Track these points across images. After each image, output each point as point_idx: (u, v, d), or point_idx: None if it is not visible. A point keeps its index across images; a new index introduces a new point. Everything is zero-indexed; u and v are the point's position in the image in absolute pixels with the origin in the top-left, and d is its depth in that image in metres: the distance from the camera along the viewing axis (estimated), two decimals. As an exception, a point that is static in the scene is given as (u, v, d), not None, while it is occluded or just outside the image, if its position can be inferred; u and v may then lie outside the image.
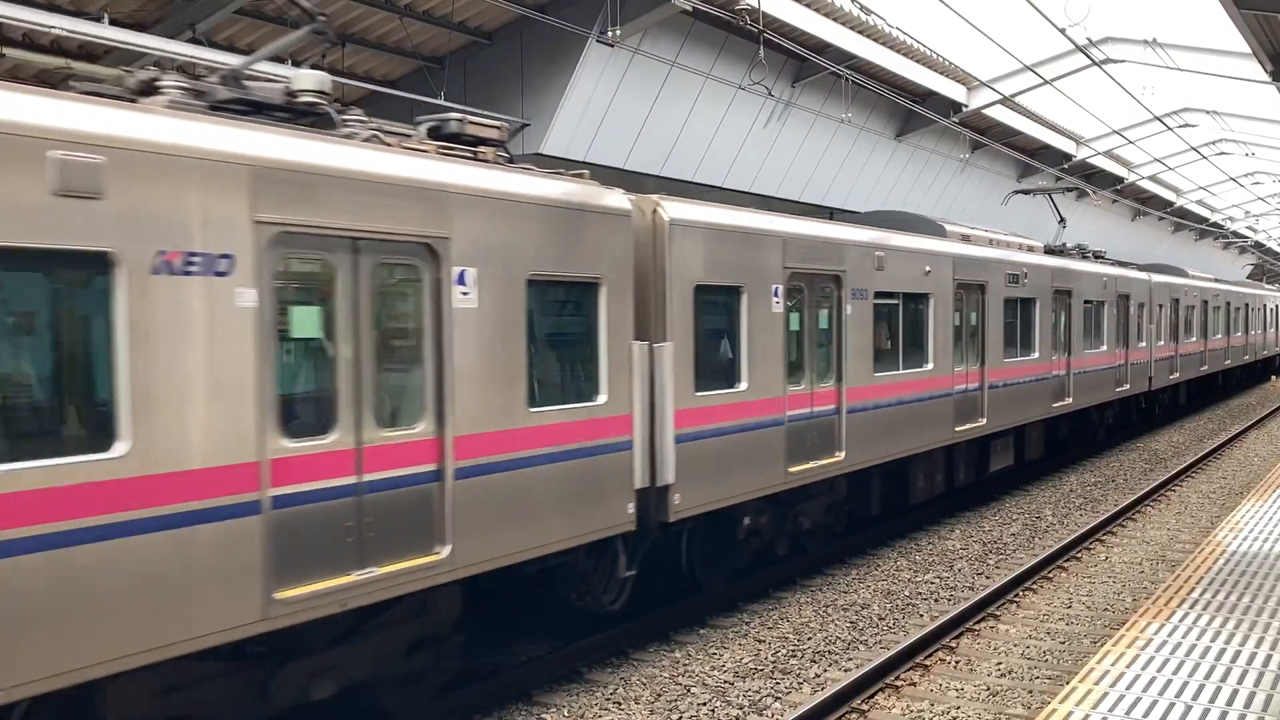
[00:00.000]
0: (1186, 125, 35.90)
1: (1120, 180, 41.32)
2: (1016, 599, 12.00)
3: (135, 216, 5.77)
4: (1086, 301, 20.95)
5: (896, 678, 9.44)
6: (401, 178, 7.28)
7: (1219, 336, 32.81)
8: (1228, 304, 34.16)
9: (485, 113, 17.54)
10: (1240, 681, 7.06)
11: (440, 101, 16.77)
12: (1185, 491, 18.93)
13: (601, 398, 9.11)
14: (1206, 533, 14.96)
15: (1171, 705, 6.63)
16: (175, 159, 5.99)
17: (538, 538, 8.42)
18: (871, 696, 9.02)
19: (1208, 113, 36.44)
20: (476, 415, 7.79)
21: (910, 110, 25.97)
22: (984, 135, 30.16)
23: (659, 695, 9.07)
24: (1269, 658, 7.50)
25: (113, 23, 13.09)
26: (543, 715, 8.67)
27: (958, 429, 15.60)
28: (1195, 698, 6.76)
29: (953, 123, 27.25)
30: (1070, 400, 20.25)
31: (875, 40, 22.33)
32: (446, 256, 7.55)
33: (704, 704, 8.86)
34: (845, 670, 9.69)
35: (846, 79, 22.43)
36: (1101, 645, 9.28)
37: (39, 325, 5.55)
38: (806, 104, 23.33)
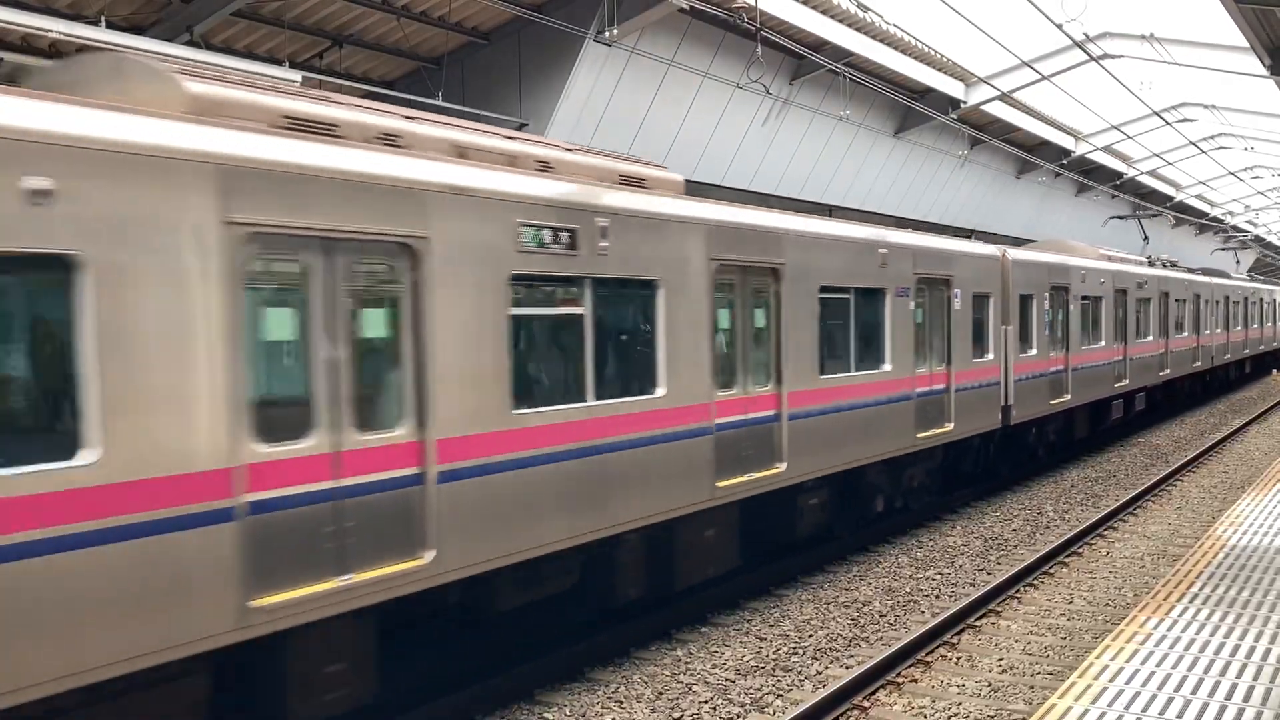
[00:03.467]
0: (1185, 120, 35.90)
1: (1119, 175, 41.31)
2: (1018, 595, 12.01)
3: None
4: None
5: (898, 674, 9.45)
6: None
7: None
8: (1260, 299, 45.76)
9: (492, 115, 17.59)
10: (1240, 675, 7.06)
11: (438, 102, 16.78)
12: (1186, 486, 18.94)
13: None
14: (1207, 527, 14.96)
15: (1171, 699, 6.64)
16: None
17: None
18: (873, 693, 9.03)
19: (1206, 107, 36.44)
20: None
21: (908, 107, 25.97)
22: (982, 131, 30.18)
23: (660, 693, 9.08)
24: (1269, 651, 7.50)
25: (110, 26, 13.11)
26: (544, 714, 8.67)
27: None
28: (1195, 691, 6.77)
29: (951, 119, 27.25)
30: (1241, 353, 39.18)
31: (873, 37, 22.34)
32: None
33: (705, 702, 8.87)
34: (847, 667, 9.70)
35: (844, 76, 22.44)
36: (1102, 640, 9.28)
37: None
38: (804, 101, 23.33)
